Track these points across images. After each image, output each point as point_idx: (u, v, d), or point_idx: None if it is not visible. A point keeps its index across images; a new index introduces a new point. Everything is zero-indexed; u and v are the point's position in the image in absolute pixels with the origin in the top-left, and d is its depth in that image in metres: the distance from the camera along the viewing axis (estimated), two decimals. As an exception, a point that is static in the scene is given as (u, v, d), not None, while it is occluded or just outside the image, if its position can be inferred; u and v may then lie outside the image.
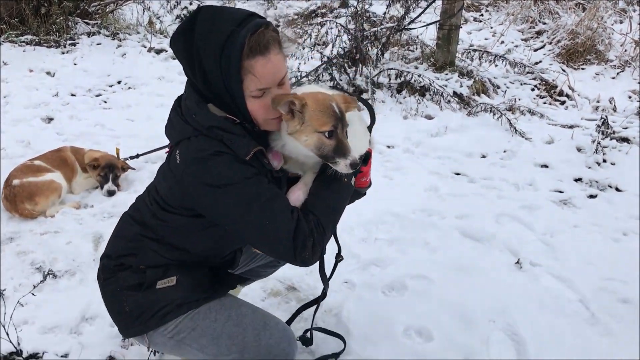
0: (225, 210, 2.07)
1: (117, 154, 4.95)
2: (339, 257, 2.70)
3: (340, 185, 2.19)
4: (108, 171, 4.74)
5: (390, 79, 7.56)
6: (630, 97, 7.90)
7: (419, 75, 7.38)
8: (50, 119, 6.39)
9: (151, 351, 2.43)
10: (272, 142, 2.23)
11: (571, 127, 6.67)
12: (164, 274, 2.31)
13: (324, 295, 2.78)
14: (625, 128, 6.48)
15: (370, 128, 2.43)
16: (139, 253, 2.32)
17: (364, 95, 7.18)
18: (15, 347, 2.83)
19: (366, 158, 2.28)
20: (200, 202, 2.13)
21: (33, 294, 2.98)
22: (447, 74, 8.00)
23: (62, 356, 3.00)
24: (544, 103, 7.81)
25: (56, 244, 3.98)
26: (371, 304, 3.54)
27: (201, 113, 2.09)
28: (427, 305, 3.53)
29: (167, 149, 2.32)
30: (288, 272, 3.75)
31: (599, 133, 5.75)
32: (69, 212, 4.38)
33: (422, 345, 3.23)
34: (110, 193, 4.71)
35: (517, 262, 3.98)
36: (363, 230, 4.38)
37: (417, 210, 4.69)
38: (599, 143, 5.66)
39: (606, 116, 5.98)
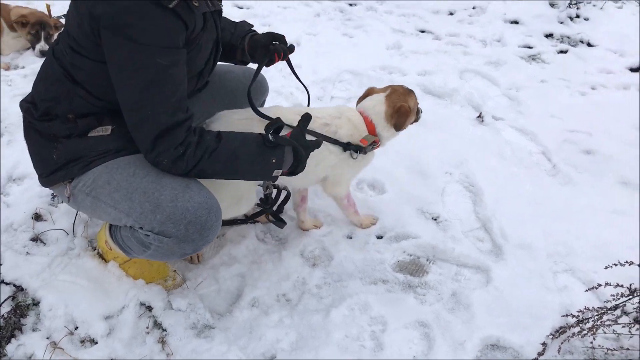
0: (116, 58, 1.81)
1: (48, 10, 4.47)
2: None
3: (265, 159, 2.01)
4: (40, 29, 4.28)
5: None
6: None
7: None
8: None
9: (68, 198, 2.17)
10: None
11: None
12: (98, 123, 2.02)
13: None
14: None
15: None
16: (64, 98, 1.99)
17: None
18: None
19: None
20: (103, 41, 1.82)
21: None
22: None
23: (-16, 216, 2.78)
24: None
25: (-17, 106, 3.64)
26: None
27: None
28: (382, 159, 3.33)
29: None
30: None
31: (574, -14, 5.38)
32: (-4, 73, 4.00)
33: (375, 198, 3.08)
34: (43, 53, 4.28)
35: (479, 116, 3.78)
36: (319, 89, 4.09)
37: (377, 67, 4.39)
38: (574, -4, 5.31)
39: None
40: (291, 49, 2.45)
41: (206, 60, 2.18)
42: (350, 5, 5.57)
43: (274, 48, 2.43)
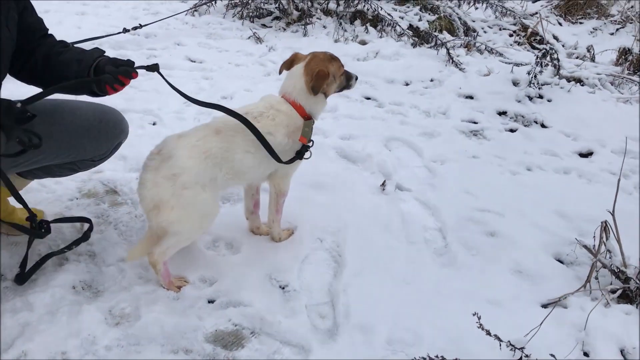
0: None
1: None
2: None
3: None
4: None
5: (338, 5, 6.93)
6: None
7: (367, 1, 6.76)
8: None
9: None
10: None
11: (525, 64, 5.98)
12: None
13: None
14: (585, 69, 5.80)
15: None
16: None
17: (304, 21, 6.64)
18: None
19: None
20: None
21: None
22: (408, 7, 7.42)
23: None
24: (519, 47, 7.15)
25: None
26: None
27: None
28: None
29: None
30: (114, 174, 3.34)
31: (537, 65, 5.11)
32: None
33: (225, 258, 2.79)
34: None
35: (382, 184, 3.47)
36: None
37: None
38: (535, 76, 5.03)
39: (551, 48, 5.33)
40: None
41: None
42: (305, 68, 5.44)
43: (104, 78, 2.23)
